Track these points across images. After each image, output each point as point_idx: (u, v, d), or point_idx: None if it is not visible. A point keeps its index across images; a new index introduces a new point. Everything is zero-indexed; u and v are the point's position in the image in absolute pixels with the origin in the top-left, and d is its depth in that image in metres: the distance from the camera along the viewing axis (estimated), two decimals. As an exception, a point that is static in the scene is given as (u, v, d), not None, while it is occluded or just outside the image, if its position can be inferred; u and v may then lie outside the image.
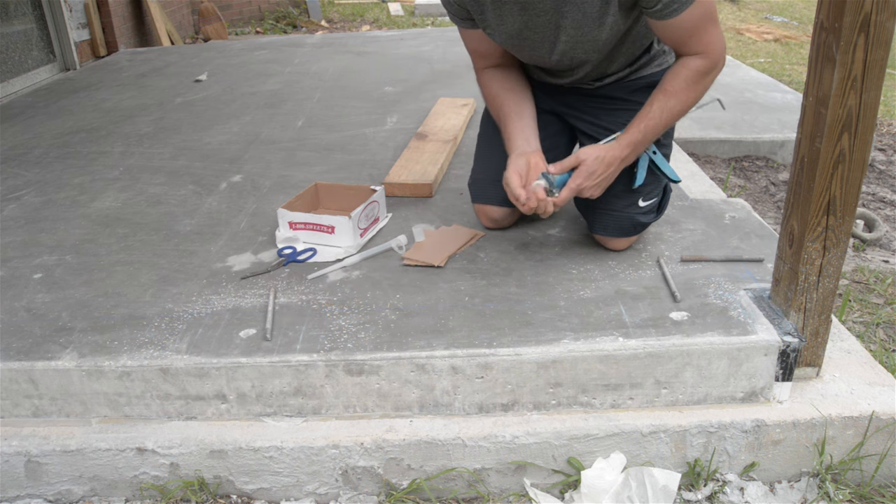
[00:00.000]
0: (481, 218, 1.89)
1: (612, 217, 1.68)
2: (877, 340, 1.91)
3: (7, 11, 3.89)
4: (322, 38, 4.89)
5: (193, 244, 1.88)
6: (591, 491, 1.36)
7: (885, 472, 1.43)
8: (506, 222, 1.86)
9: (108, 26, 4.75)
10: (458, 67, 3.79)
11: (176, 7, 6.17)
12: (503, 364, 1.40)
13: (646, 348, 1.39)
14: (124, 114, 3.15)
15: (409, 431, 1.40)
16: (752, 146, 3.10)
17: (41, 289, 1.69)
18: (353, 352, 1.41)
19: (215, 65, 4.11)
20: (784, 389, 1.43)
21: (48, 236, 1.96)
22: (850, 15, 1.17)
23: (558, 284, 1.61)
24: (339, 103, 3.19)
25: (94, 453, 1.40)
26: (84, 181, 2.36)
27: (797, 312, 1.41)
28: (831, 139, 1.26)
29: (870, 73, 1.21)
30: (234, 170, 2.40)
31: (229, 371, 1.40)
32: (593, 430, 1.39)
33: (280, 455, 1.39)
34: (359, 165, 2.40)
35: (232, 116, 3.04)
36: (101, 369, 1.41)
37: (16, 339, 1.50)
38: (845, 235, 1.34)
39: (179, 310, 1.57)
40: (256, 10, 7.34)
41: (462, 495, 1.44)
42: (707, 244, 1.77)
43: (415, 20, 7.38)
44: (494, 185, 1.74)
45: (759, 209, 2.70)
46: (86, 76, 4.03)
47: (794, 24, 7.03)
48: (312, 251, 1.79)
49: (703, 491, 1.41)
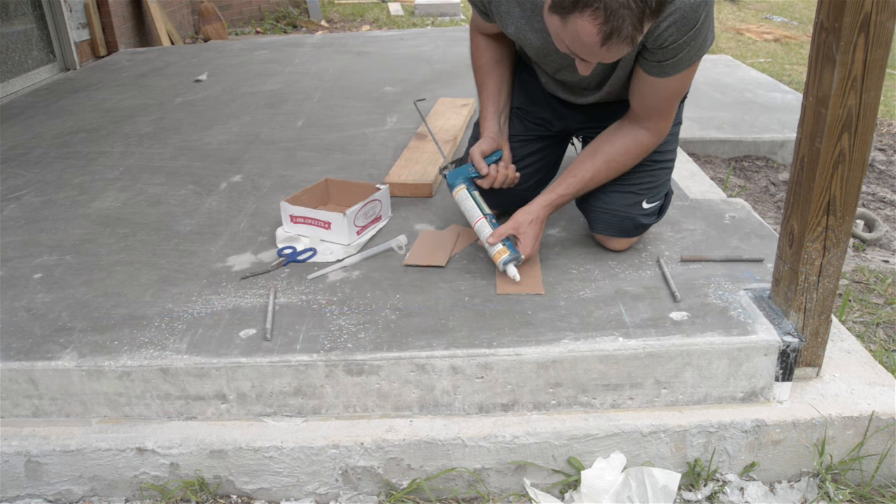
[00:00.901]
0: None
1: (614, 217, 1.68)
2: (877, 340, 1.91)
3: (7, 11, 3.89)
4: (322, 38, 4.89)
5: (193, 244, 1.88)
6: (591, 491, 1.36)
7: (885, 472, 1.43)
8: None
9: (108, 26, 4.75)
10: (458, 67, 3.79)
11: (176, 7, 6.17)
12: (503, 364, 1.40)
13: (646, 348, 1.39)
14: (124, 114, 3.15)
15: (409, 431, 1.40)
16: (752, 146, 3.10)
17: (41, 289, 1.69)
18: (353, 352, 1.41)
19: (215, 65, 4.11)
20: (784, 389, 1.43)
21: (48, 236, 1.96)
22: (850, 15, 1.17)
23: (558, 284, 1.61)
24: (339, 103, 3.19)
25: (94, 453, 1.40)
26: (84, 181, 2.36)
27: (797, 312, 1.41)
28: (831, 139, 1.26)
29: (870, 73, 1.21)
30: (234, 170, 2.40)
31: (229, 371, 1.40)
32: (593, 430, 1.39)
33: (280, 455, 1.39)
34: (359, 165, 2.40)
35: (232, 116, 3.04)
36: (101, 369, 1.41)
37: (16, 339, 1.50)
38: (845, 235, 1.34)
39: (179, 310, 1.57)
40: (256, 10, 7.34)
41: (462, 495, 1.44)
42: (707, 244, 1.77)
43: (415, 20, 7.38)
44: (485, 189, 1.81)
45: (759, 209, 2.70)
46: (86, 76, 4.03)
47: (794, 24, 7.03)
48: (312, 251, 1.79)
49: (703, 491, 1.41)
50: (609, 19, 1.19)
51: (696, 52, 1.43)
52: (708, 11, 1.38)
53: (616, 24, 1.19)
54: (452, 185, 1.71)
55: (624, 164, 1.63)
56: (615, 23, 1.19)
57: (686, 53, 1.43)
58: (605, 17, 1.19)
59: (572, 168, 1.64)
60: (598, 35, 1.21)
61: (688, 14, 1.36)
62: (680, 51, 1.42)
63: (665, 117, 1.59)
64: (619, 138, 1.61)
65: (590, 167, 1.62)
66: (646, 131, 1.59)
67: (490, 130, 1.72)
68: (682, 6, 1.35)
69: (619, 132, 1.62)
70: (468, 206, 1.68)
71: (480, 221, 1.64)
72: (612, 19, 1.19)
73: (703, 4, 1.36)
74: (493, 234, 1.60)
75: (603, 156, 1.62)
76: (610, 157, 1.61)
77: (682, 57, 1.43)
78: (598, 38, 1.22)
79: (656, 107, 1.56)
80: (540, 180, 1.87)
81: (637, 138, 1.60)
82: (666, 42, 1.40)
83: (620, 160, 1.62)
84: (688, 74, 1.49)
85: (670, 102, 1.57)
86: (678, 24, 1.37)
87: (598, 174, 1.63)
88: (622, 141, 1.61)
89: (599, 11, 1.19)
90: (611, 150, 1.61)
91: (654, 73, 1.48)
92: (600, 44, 1.23)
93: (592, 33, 1.22)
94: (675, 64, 1.45)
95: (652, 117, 1.58)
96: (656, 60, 1.45)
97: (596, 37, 1.22)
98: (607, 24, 1.20)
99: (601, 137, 1.64)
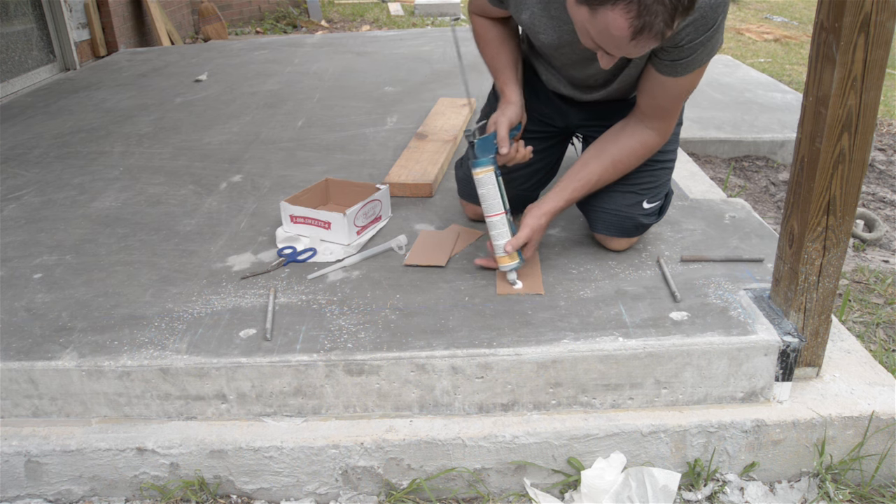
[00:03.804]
0: (466, 210, 1.96)
1: (615, 216, 1.68)
2: (877, 340, 1.91)
3: (7, 11, 3.89)
4: (322, 38, 4.89)
5: (193, 244, 1.88)
6: (591, 491, 1.36)
7: (885, 472, 1.43)
8: None
9: (108, 26, 4.75)
10: (458, 68, 3.79)
11: (176, 7, 6.17)
12: (503, 364, 1.40)
13: (646, 348, 1.39)
14: (124, 114, 3.15)
15: (409, 431, 1.40)
16: (752, 146, 3.10)
17: (41, 289, 1.69)
18: (353, 352, 1.41)
19: (215, 65, 4.11)
20: (784, 389, 1.43)
21: (48, 236, 1.96)
22: (850, 15, 1.17)
23: (558, 284, 1.61)
24: (339, 103, 3.19)
25: (94, 453, 1.40)
26: (84, 181, 2.36)
27: (797, 312, 1.41)
28: (831, 139, 1.26)
29: (870, 73, 1.21)
30: (234, 170, 2.40)
31: (229, 371, 1.40)
32: (593, 430, 1.39)
33: (280, 455, 1.39)
34: (359, 165, 2.40)
35: (232, 116, 3.04)
36: (101, 369, 1.41)
37: (16, 339, 1.50)
38: (845, 235, 1.34)
39: (179, 310, 1.57)
40: (256, 10, 7.34)
41: (462, 495, 1.44)
42: (707, 244, 1.77)
43: (415, 20, 7.38)
44: None
45: (759, 209, 2.70)
46: (86, 76, 4.03)
47: (794, 24, 7.03)
48: (312, 251, 1.79)
49: (703, 491, 1.41)
50: (642, 14, 1.17)
51: (708, 53, 1.43)
52: (724, 13, 1.38)
53: (649, 20, 1.17)
54: (478, 162, 1.54)
55: (629, 165, 1.62)
56: (648, 17, 1.17)
57: (699, 54, 1.42)
58: (637, 11, 1.17)
59: (577, 170, 1.62)
60: (629, 29, 1.19)
61: (707, 14, 1.35)
62: (694, 51, 1.41)
63: (672, 117, 1.59)
64: (624, 139, 1.60)
65: (596, 169, 1.61)
66: (651, 131, 1.59)
67: (516, 95, 1.65)
68: (703, 6, 1.34)
69: (625, 132, 1.61)
70: (491, 194, 1.55)
71: (500, 217, 1.56)
72: (645, 14, 1.17)
73: (722, 6, 1.36)
74: (510, 242, 1.56)
75: (609, 157, 1.60)
76: (616, 158, 1.60)
77: (695, 57, 1.43)
78: (628, 31, 1.20)
79: (665, 106, 1.56)
80: (540, 180, 1.87)
81: (643, 138, 1.59)
82: (682, 41, 1.39)
83: (626, 161, 1.61)
84: (698, 74, 1.49)
85: (678, 102, 1.56)
86: (696, 24, 1.37)
87: (604, 175, 1.62)
88: (628, 141, 1.60)
89: (633, 5, 1.17)
90: (617, 152, 1.60)
91: (666, 72, 1.47)
92: (630, 38, 1.21)
93: (623, 27, 1.19)
94: (688, 64, 1.44)
95: (659, 116, 1.57)
96: (670, 59, 1.44)
97: (626, 31, 1.19)
98: (640, 18, 1.17)
99: (606, 138, 1.63)
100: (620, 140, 1.60)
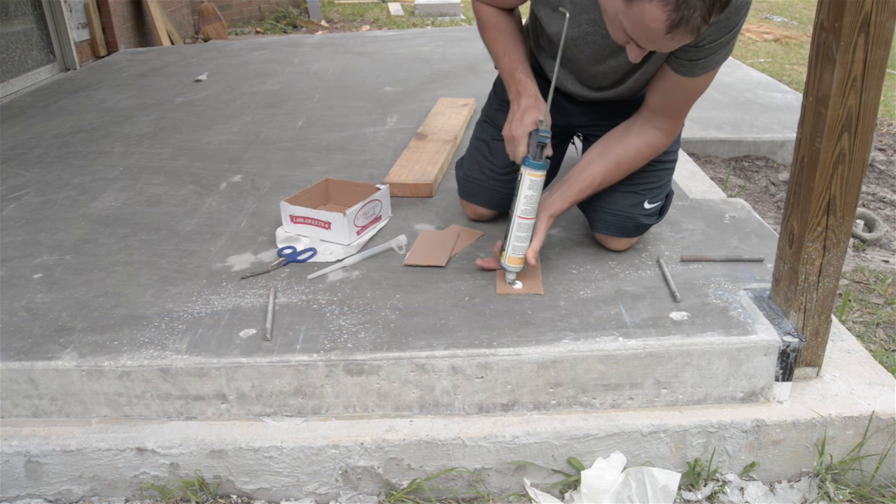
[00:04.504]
0: (466, 210, 1.96)
1: (616, 217, 1.67)
2: (877, 340, 1.91)
3: (7, 11, 3.89)
4: (322, 38, 4.89)
5: (193, 244, 1.88)
6: (591, 491, 1.36)
7: (885, 472, 1.43)
8: (489, 217, 1.93)
9: (108, 26, 4.75)
10: (458, 67, 3.79)
11: (176, 7, 6.17)
12: (503, 364, 1.40)
13: (646, 348, 1.39)
14: (124, 114, 3.15)
15: (409, 431, 1.40)
16: (752, 146, 3.10)
17: (41, 289, 1.69)
18: (353, 352, 1.41)
19: (215, 65, 4.11)
20: (784, 389, 1.43)
21: (48, 236, 1.96)
22: (850, 15, 1.17)
23: (558, 284, 1.61)
24: (339, 103, 3.19)
25: (94, 453, 1.40)
26: (84, 181, 2.36)
27: (797, 312, 1.41)
28: (831, 139, 1.26)
29: (870, 73, 1.21)
30: (234, 170, 2.40)
31: (229, 371, 1.40)
32: (593, 430, 1.39)
33: (280, 455, 1.39)
34: (359, 165, 2.40)
35: (232, 116, 3.04)
36: (101, 369, 1.41)
37: (16, 339, 1.50)
38: (845, 235, 1.34)
39: (179, 310, 1.57)
40: (256, 10, 7.34)
41: (462, 495, 1.44)
42: (707, 244, 1.77)
43: (415, 20, 7.38)
44: (485, 189, 1.84)
45: (759, 209, 2.70)
46: (86, 76, 4.03)
47: (794, 24, 7.03)
48: (312, 251, 1.79)
49: (703, 491, 1.41)
50: (680, 7, 1.15)
51: (725, 54, 1.43)
52: (745, 17, 1.38)
53: (686, 14, 1.16)
54: (541, 165, 1.48)
55: (634, 166, 1.61)
56: (686, 11, 1.16)
57: (717, 55, 1.42)
58: (676, 4, 1.15)
59: (581, 170, 1.61)
60: (667, 22, 1.17)
61: (731, 16, 1.35)
62: (714, 52, 1.41)
63: (681, 117, 1.58)
64: (630, 139, 1.59)
65: (600, 169, 1.59)
66: (658, 131, 1.57)
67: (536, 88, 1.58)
68: (730, 7, 1.33)
69: (631, 132, 1.59)
70: (532, 198, 1.50)
71: (531, 222, 1.53)
72: (684, 8, 1.15)
73: (745, 8, 1.35)
74: (532, 248, 1.54)
75: (614, 157, 1.59)
76: (621, 158, 1.59)
77: (713, 58, 1.42)
78: (665, 24, 1.18)
79: (676, 105, 1.55)
80: None
81: (650, 139, 1.58)
82: (703, 41, 1.38)
83: (632, 162, 1.60)
84: (711, 76, 1.49)
85: (690, 102, 1.55)
86: (719, 25, 1.36)
87: (609, 176, 1.60)
88: (634, 142, 1.58)
89: None
90: (622, 152, 1.59)
91: (683, 71, 1.46)
92: (665, 31, 1.19)
93: (660, 20, 1.17)
94: (705, 64, 1.44)
95: (669, 116, 1.56)
96: (688, 59, 1.43)
97: (663, 23, 1.18)
98: (678, 11, 1.16)
99: (610, 138, 1.61)
100: (626, 140, 1.59)
